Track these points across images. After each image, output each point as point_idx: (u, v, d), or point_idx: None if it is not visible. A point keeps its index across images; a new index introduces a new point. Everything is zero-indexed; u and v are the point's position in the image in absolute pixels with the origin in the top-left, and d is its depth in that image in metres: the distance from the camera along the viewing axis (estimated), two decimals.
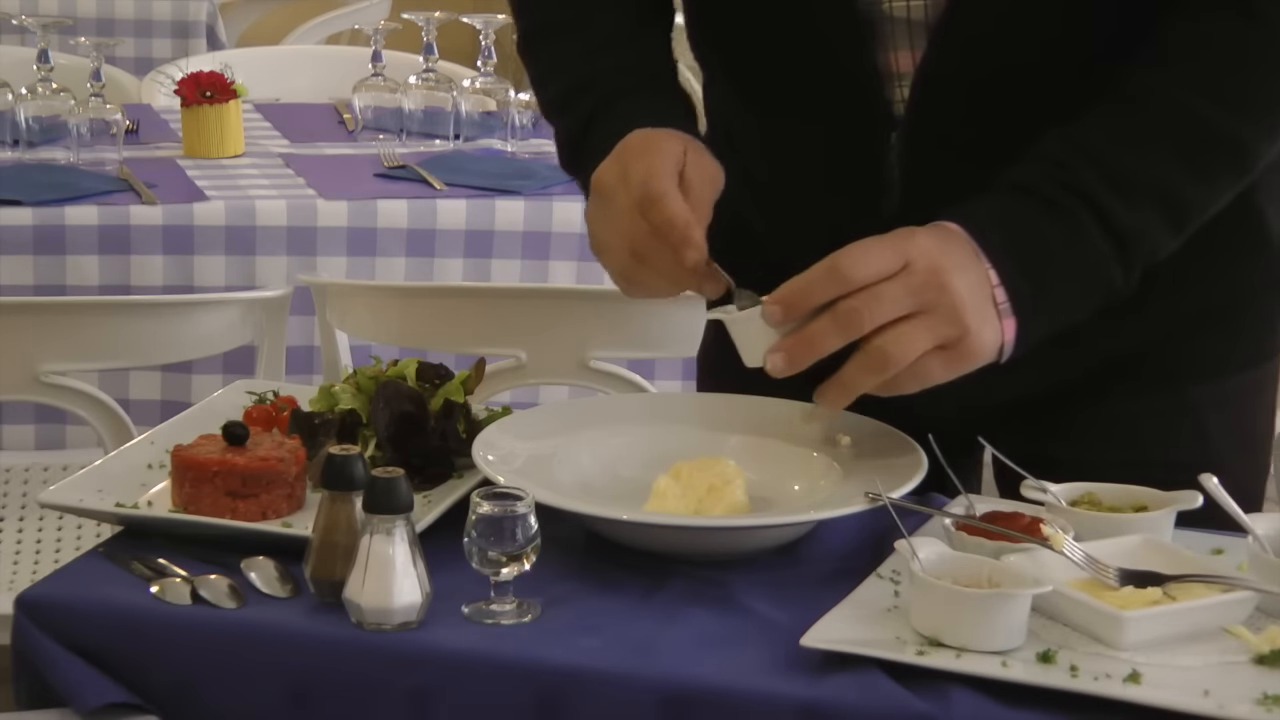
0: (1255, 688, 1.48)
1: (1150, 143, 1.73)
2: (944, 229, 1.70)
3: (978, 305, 1.67)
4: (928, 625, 1.54)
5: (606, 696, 1.53)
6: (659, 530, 1.70)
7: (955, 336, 1.66)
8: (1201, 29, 1.74)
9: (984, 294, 1.68)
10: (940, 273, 1.66)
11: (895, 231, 1.69)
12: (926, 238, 1.68)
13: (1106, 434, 1.92)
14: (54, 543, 2.94)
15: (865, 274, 1.65)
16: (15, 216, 3.10)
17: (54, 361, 2.76)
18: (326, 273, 3.18)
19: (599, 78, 1.91)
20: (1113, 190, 1.71)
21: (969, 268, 1.68)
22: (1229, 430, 1.96)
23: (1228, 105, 1.73)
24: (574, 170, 1.93)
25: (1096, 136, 1.74)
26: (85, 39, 3.62)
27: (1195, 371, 1.93)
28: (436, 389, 1.85)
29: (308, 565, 1.62)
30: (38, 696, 1.61)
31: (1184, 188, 1.73)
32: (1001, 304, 1.68)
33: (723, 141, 2.04)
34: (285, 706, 1.58)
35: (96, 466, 1.83)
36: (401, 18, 3.88)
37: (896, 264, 1.66)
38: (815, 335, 1.67)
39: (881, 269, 1.65)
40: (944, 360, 1.67)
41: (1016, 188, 1.73)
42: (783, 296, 1.68)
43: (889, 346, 1.65)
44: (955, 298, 1.66)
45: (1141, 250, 1.73)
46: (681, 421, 1.87)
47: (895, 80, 1.84)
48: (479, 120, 3.66)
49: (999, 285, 1.68)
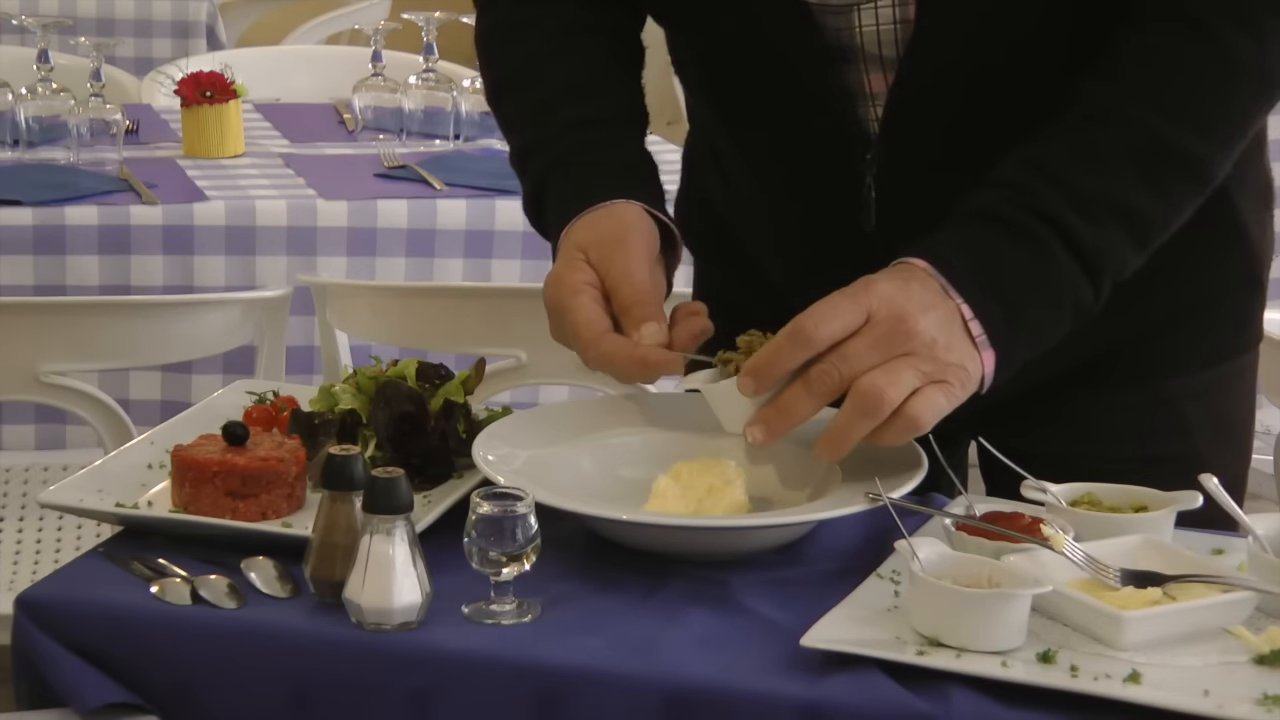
0: (1255, 688, 1.48)
1: (1107, 160, 1.72)
2: (907, 268, 1.68)
3: (950, 341, 1.66)
4: (928, 625, 1.54)
5: (606, 696, 1.53)
6: (659, 530, 1.70)
7: (936, 374, 1.65)
8: (1150, 43, 1.74)
9: (956, 329, 1.66)
10: (904, 319, 1.64)
11: (855, 284, 1.67)
12: (886, 284, 1.66)
13: (1086, 430, 1.93)
14: (54, 543, 2.94)
15: (829, 333, 1.64)
16: (15, 216, 3.11)
17: (54, 361, 2.76)
18: (326, 273, 3.18)
19: (554, 135, 1.89)
20: (1076, 211, 1.70)
21: (935, 305, 1.66)
22: (1208, 420, 1.97)
23: (1180, 120, 1.73)
24: (538, 229, 1.93)
25: (1055, 157, 1.73)
26: (85, 39, 3.63)
27: (1171, 366, 1.94)
28: (436, 389, 1.85)
29: (308, 565, 1.62)
30: (38, 696, 1.61)
31: (1144, 204, 1.72)
32: (979, 337, 1.67)
33: (708, 153, 2.04)
34: (285, 707, 1.58)
35: (96, 466, 1.83)
36: (401, 18, 3.88)
37: (859, 319, 1.64)
38: (789, 403, 1.66)
39: (846, 325, 1.64)
40: (941, 391, 1.65)
41: (979, 215, 1.72)
42: (753, 368, 1.67)
43: (876, 387, 1.63)
44: (923, 340, 1.64)
45: (1108, 269, 1.72)
46: (681, 421, 1.87)
47: (869, 100, 1.84)
48: (479, 120, 3.66)
49: (973, 319, 1.67)
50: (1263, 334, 2.01)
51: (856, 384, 1.63)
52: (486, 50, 2.00)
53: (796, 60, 1.83)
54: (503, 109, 1.99)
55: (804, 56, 1.83)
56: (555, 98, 1.91)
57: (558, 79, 1.92)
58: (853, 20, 1.80)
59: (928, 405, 1.64)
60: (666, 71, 2.04)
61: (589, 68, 1.93)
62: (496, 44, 1.99)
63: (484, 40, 2.01)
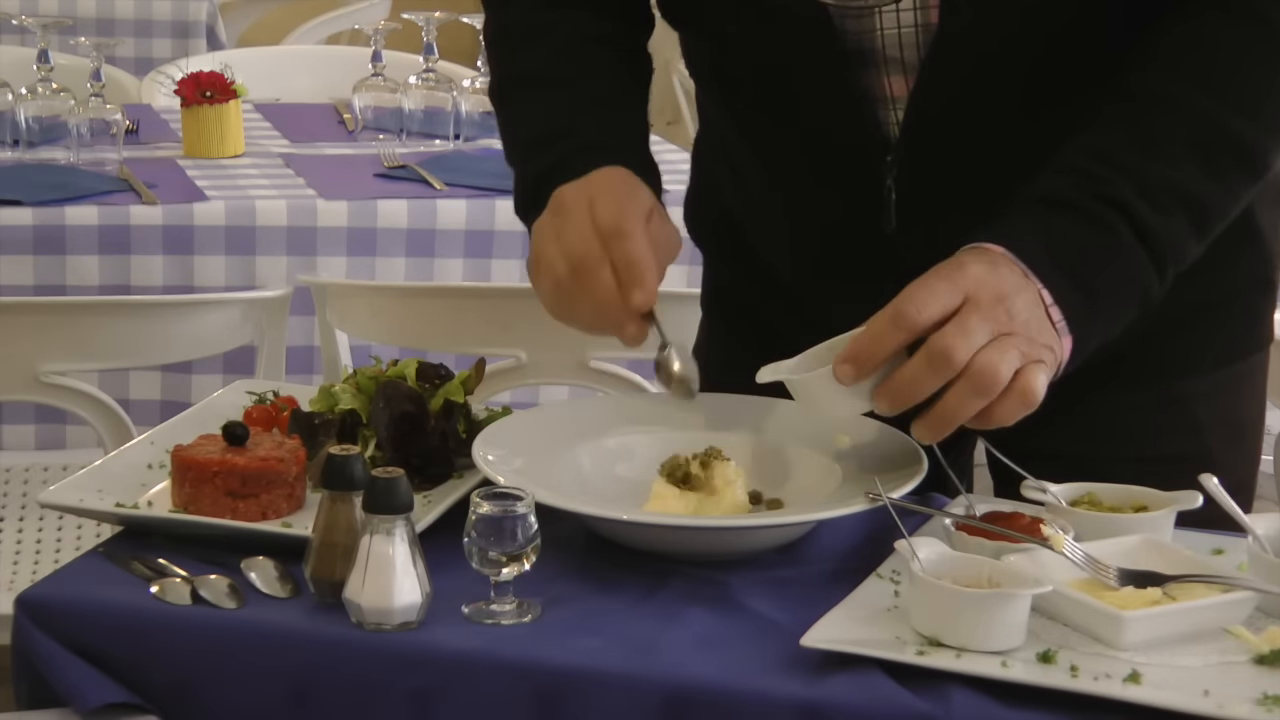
0: (1255, 688, 1.48)
1: (1164, 146, 1.72)
2: (988, 253, 1.68)
3: (1040, 324, 1.66)
4: (928, 625, 1.54)
5: (606, 696, 1.53)
6: (659, 530, 1.70)
7: (1034, 354, 1.65)
8: (1193, 27, 1.74)
9: (1041, 314, 1.66)
10: (1003, 299, 1.64)
11: (943, 265, 1.67)
12: (978, 266, 1.66)
13: (1098, 430, 1.93)
14: (54, 543, 2.94)
15: (930, 316, 1.63)
16: (15, 216, 3.10)
17: (54, 361, 2.76)
18: (326, 273, 3.18)
19: (580, 129, 1.88)
20: (1144, 198, 1.70)
21: (1023, 289, 1.66)
22: (1219, 421, 1.96)
23: (1229, 101, 1.73)
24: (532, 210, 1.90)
25: (1116, 144, 1.73)
26: (85, 39, 3.62)
27: (1184, 365, 1.94)
28: (436, 389, 1.85)
29: (308, 565, 1.62)
30: (38, 696, 1.61)
31: (1204, 192, 1.72)
32: (1059, 322, 1.67)
33: (718, 148, 2.04)
34: (285, 706, 1.58)
35: (96, 466, 1.83)
36: (401, 18, 3.88)
37: (956, 300, 1.64)
38: (910, 381, 1.64)
39: (945, 306, 1.64)
40: (1042, 369, 1.65)
41: (1049, 201, 1.72)
42: (853, 355, 1.65)
43: (992, 363, 1.62)
44: (1020, 320, 1.64)
45: (1172, 257, 1.72)
46: (681, 421, 1.87)
47: (890, 104, 1.84)
48: (479, 120, 3.65)
49: (1053, 305, 1.67)
50: (1274, 334, 2.01)
51: (972, 361, 1.62)
52: (500, 49, 1.99)
53: (815, 64, 1.83)
54: (512, 105, 1.97)
55: (823, 60, 1.82)
56: (575, 103, 1.91)
57: (575, 87, 1.92)
58: (873, 23, 1.80)
59: (1037, 379, 1.64)
60: (666, 71, 2.04)
61: (606, 79, 1.93)
62: (512, 44, 1.99)
63: (497, 39, 2.00)
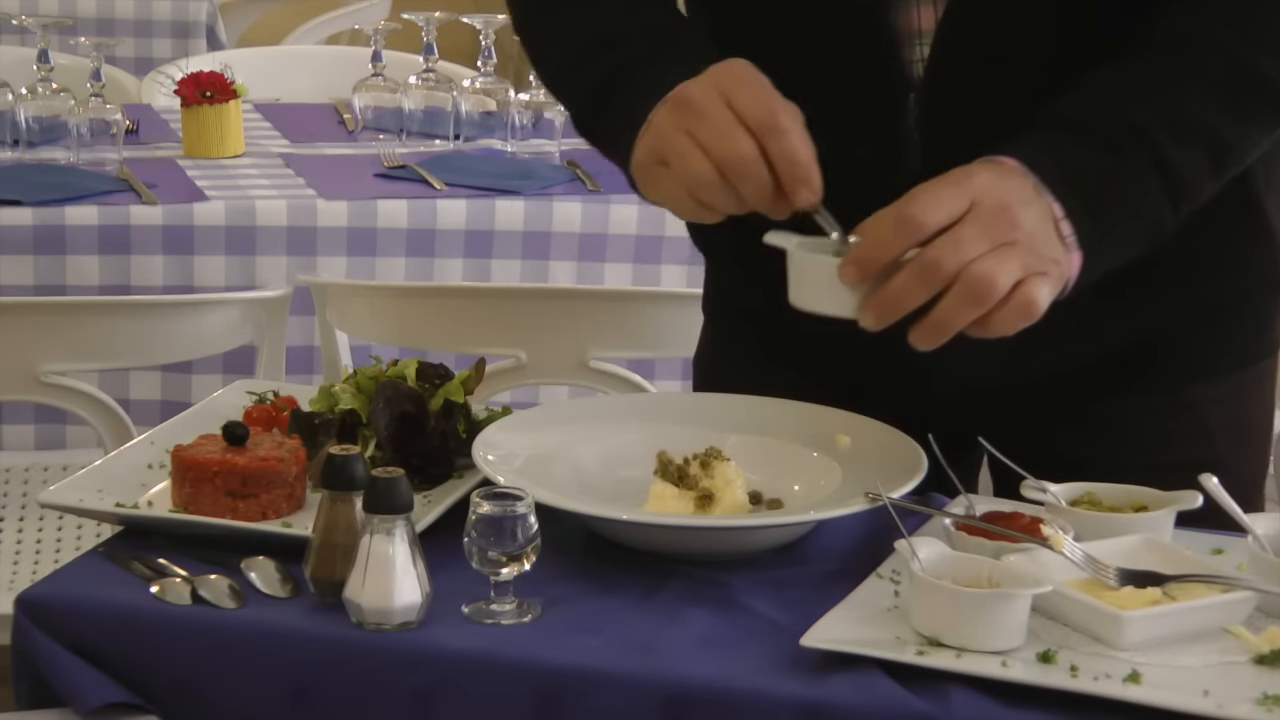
0: (1255, 688, 1.48)
1: (1191, 82, 1.71)
2: (1000, 165, 1.67)
3: (1047, 237, 1.64)
4: (928, 625, 1.54)
5: (606, 696, 1.53)
6: (659, 530, 1.70)
7: (1037, 266, 1.63)
8: None
9: (1050, 227, 1.65)
10: (1008, 208, 1.63)
11: (952, 172, 1.65)
12: (986, 174, 1.65)
13: (1109, 435, 1.92)
14: (54, 543, 2.94)
15: (936, 219, 1.62)
16: (15, 216, 3.10)
17: (54, 361, 2.76)
18: (326, 273, 3.18)
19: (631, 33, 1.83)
20: (1167, 130, 1.69)
21: (1032, 202, 1.65)
22: (1228, 426, 1.95)
23: (1265, 47, 1.72)
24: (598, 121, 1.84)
25: (1143, 75, 1.72)
26: (85, 39, 3.62)
27: (1194, 370, 1.93)
28: (436, 389, 1.85)
29: (308, 565, 1.62)
30: (38, 696, 1.61)
31: (1227, 130, 1.72)
32: (1068, 237, 1.66)
33: None
34: (285, 706, 1.58)
35: (96, 466, 1.83)
36: (401, 18, 3.88)
37: (963, 206, 1.62)
38: (900, 291, 1.62)
39: (951, 212, 1.62)
40: (1045, 281, 1.63)
41: (1067, 124, 1.70)
42: (858, 258, 1.63)
43: (989, 272, 1.60)
44: (1025, 230, 1.63)
45: (1189, 191, 1.71)
46: (681, 421, 1.87)
47: (916, 39, 1.81)
48: (479, 120, 3.65)
49: (1064, 219, 1.66)
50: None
51: (965, 270, 1.61)
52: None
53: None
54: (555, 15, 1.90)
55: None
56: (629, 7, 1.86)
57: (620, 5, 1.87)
58: None
59: (1039, 291, 1.63)
60: None
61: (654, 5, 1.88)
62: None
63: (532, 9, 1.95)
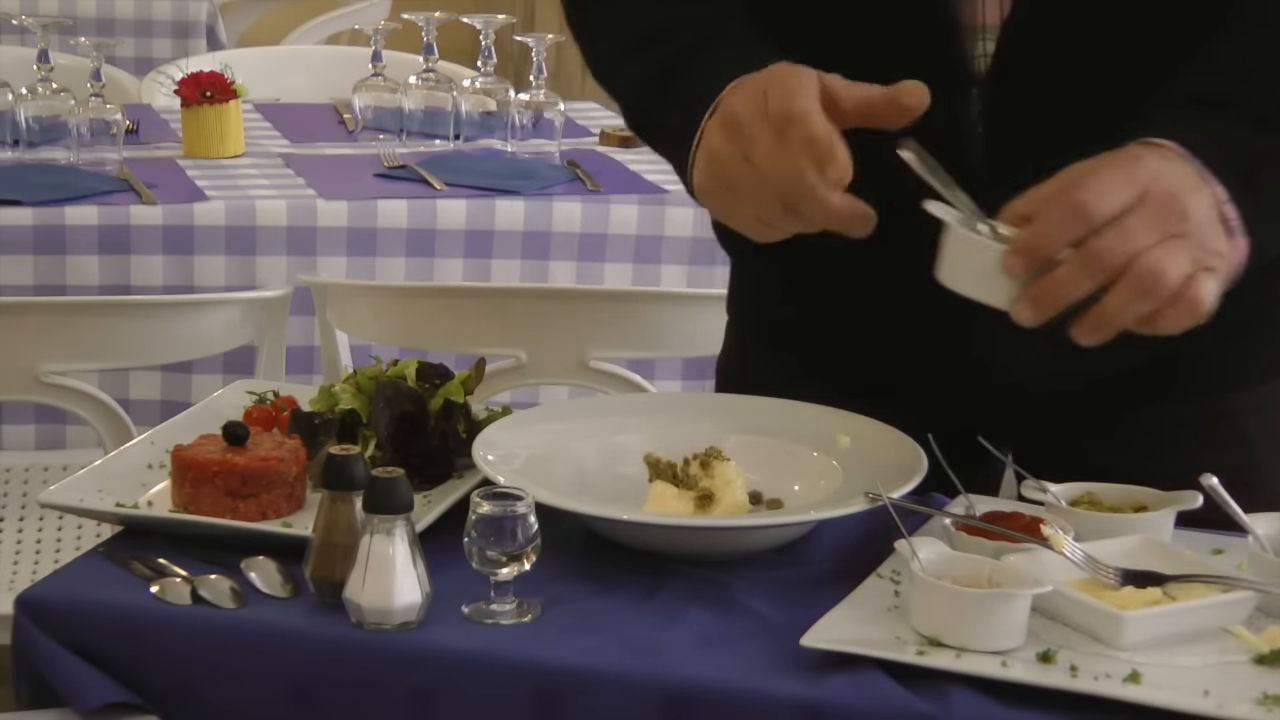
0: (1255, 688, 1.48)
1: None
2: (1162, 150, 1.61)
3: (1214, 228, 1.59)
4: (928, 625, 1.54)
5: (606, 696, 1.53)
6: (659, 530, 1.70)
7: (1206, 260, 1.58)
8: None
9: (1215, 216, 1.60)
10: (1178, 198, 1.57)
11: (1118, 155, 1.60)
12: (1155, 161, 1.59)
13: (1145, 443, 1.88)
14: (54, 543, 2.94)
15: (1110, 209, 1.54)
16: (15, 216, 3.10)
17: (54, 361, 2.76)
18: (326, 273, 3.18)
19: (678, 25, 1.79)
20: None
21: (1199, 189, 1.59)
22: (1268, 434, 1.92)
23: None
24: (650, 119, 1.81)
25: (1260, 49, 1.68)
26: (85, 39, 3.62)
27: (1233, 379, 1.90)
28: (436, 389, 1.85)
29: (308, 565, 1.62)
30: (38, 696, 1.61)
31: None
32: (1232, 221, 1.60)
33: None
34: (285, 706, 1.58)
35: (96, 466, 1.83)
36: (401, 18, 3.88)
37: (1134, 195, 1.56)
38: (1063, 282, 1.56)
39: (1123, 201, 1.55)
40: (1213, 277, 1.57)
41: (1202, 102, 1.66)
42: (1025, 246, 1.56)
43: (1159, 266, 1.54)
44: (1195, 222, 1.57)
45: None
46: (681, 421, 1.87)
47: (980, 34, 1.78)
48: (479, 120, 3.66)
49: (1228, 202, 1.60)
50: None
51: (1134, 263, 1.55)
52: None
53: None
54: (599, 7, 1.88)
55: None
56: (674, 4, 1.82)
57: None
58: None
59: (1207, 289, 1.57)
60: None
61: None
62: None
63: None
